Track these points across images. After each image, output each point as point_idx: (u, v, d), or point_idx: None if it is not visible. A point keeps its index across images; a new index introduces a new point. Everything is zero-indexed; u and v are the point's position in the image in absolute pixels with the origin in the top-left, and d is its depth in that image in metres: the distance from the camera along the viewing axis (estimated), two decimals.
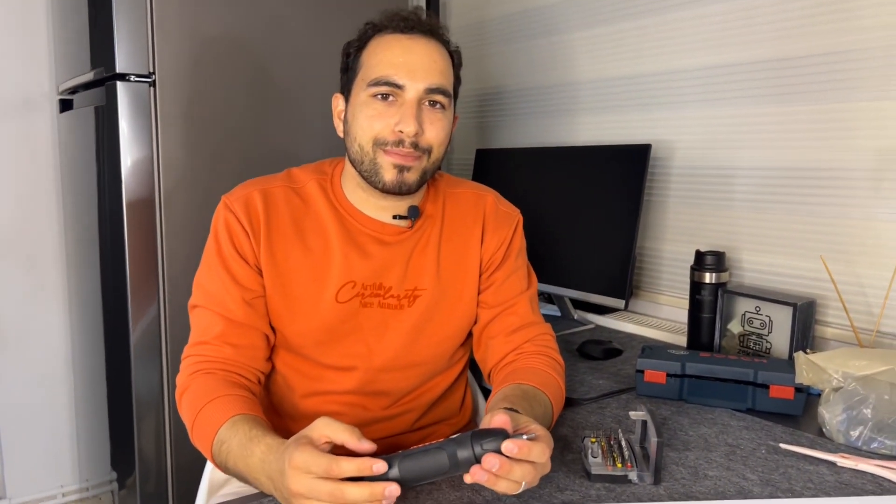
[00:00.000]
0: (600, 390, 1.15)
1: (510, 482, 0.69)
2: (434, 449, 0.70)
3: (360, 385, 1.02)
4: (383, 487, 0.67)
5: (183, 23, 1.48)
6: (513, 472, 0.68)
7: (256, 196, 0.99)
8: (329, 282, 0.98)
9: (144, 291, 1.51)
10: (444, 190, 1.09)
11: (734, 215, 1.45)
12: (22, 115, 1.95)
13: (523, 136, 1.96)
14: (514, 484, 0.70)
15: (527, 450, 0.69)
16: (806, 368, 1.02)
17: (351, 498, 0.66)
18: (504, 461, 0.68)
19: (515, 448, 0.68)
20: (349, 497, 0.67)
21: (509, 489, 0.70)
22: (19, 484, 2.06)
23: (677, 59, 1.53)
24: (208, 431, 0.86)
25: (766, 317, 1.26)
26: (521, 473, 0.69)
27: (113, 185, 1.50)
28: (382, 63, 0.94)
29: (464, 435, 0.70)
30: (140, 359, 1.53)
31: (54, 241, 2.04)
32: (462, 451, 0.69)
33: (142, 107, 1.46)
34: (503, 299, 1.06)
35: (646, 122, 1.62)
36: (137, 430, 1.54)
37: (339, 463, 0.67)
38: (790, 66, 1.33)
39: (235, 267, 0.97)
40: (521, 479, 0.69)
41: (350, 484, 0.67)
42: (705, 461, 0.88)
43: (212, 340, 0.95)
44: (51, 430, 2.09)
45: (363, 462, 0.68)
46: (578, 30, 1.76)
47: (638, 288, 1.66)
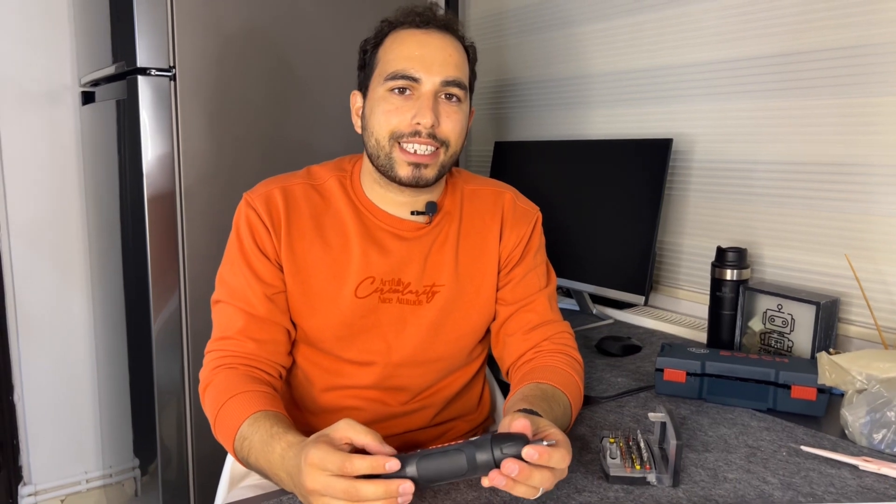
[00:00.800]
0: (619, 388, 1.15)
1: (528, 487, 0.69)
2: (453, 451, 0.70)
3: (378, 380, 1.03)
4: (398, 485, 0.67)
5: (203, 17, 1.48)
6: (532, 478, 0.68)
7: (277, 193, 1.00)
8: (348, 277, 0.99)
9: (165, 283, 1.52)
10: (463, 186, 1.09)
11: (755, 210, 1.43)
12: (45, 108, 1.97)
13: (540, 127, 1.95)
14: (532, 489, 0.70)
15: (547, 456, 0.68)
16: (829, 369, 1.01)
17: (365, 495, 0.67)
18: (523, 467, 0.68)
19: (536, 454, 0.68)
20: (363, 494, 0.67)
21: (527, 494, 0.70)
22: (44, 470, 2.10)
23: (697, 52, 1.51)
24: (231, 427, 0.87)
25: (788, 315, 1.25)
26: (540, 479, 0.69)
27: (134, 179, 1.51)
28: (399, 57, 0.95)
29: (483, 438, 0.70)
30: (161, 349, 1.55)
31: (78, 233, 2.06)
32: (481, 454, 0.69)
33: (162, 101, 1.46)
34: (521, 296, 1.06)
35: (665, 114, 1.60)
36: (159, 418, 1.57)
37: (353, 460, 0.68)
38: (813, 59, 1.30)
39: (257, 263, 0.98)
40: (540, 484, 0.69)
41: (365, 481, 0.67)
42: (725, 463, 0.87)
43: (234, 335, 0.96)
44: (75, 417, 2.13)
45: (377, 460, 0.68)
46: (597, 21, 1.74)
47: (657, 282, 1.65)
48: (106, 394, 2.05)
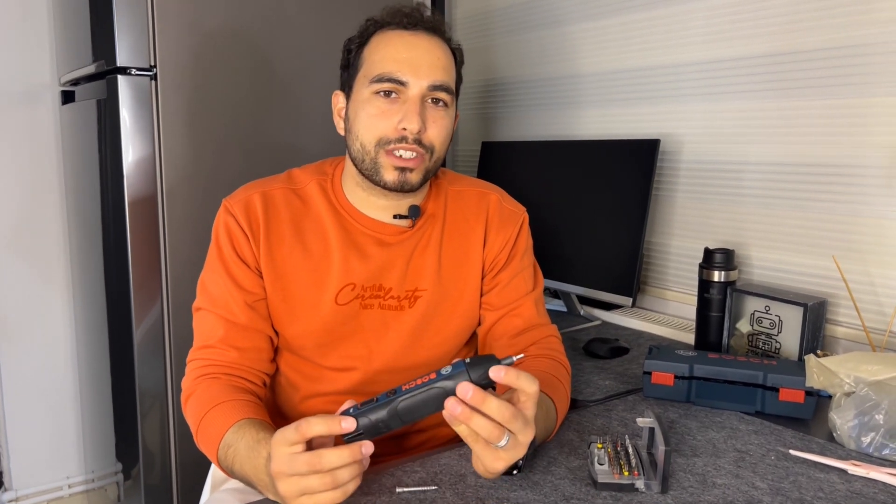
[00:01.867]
0: (606, 391, 1.14)
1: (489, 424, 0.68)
2: (429, 389, 0.70)
3: (358, 385, 1.01)
4: (360, 446, 0.67)
5: (184, 16, 1.46)
6: (488, 402, 0.67)
7: (256, 199, 0.98)
8: (329, 284, 0.98)
9: (147, 286, 1.50)
10: (447, 188, 1.07)
11: (743, 211, 1.42)
12: (24, 107, 1.93)
13: (528, 127, 1.94)
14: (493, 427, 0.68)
15: (513, 374, 0.68)
16: (817, 372, 1.01)
17: (329, 461, 0.66)
18: (476, 390, 0.67)
19: (502, 372, 0.68)
20: (326, 461, 0.66)
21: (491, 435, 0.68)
22: (25, 476, 2.06)
23: (686, 52, 1.50)
24: (214, 436, 0.86)
25: (775, 316, 1.24)
26: (497, 407, 0.68)
27: (115, 180, 1.49)
28: (385, 59, 0.93)
29: (457, 366, 0.70)
30: (143, 352, 1.52)
31: (58, 235, 2.03)
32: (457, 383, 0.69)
33: (143, 101, 1.44)
34: (508, 301, 1.04)
35: (653, 115, 1.59)
36: (141, 422, 1.54)
37: (309, 422, 0.68)
38: (802, 60, 1.30)
39: (237, 270, 0.97)
40: (497, 415, 0.68)
41: (327, 450, 0.67)
42: (714, 468, 0.86)
43: (216, 344, 0.95)
44: (56, 422, 2.09)
45: (331, 419, 0.68)
46: (585, 21, 1.73)
47: (645, 283, 1.64)
48: (88, 398, 2.02)
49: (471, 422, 0.68)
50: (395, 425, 0.71)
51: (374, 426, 0.70)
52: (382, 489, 0.80)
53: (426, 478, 0.83)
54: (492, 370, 0.68)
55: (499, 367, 0.68)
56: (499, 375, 0.68)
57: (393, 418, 0.70)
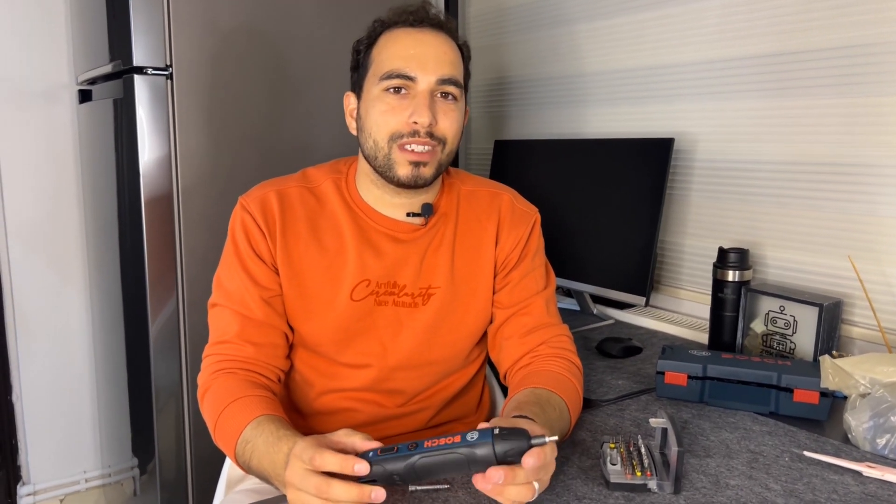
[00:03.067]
0: (619, 391, 1.14)
1: (522, 487, 0.68)
2: (452, 452, 0.69)
3: (374, 382, 1.02)
4: (370, 491, 0.67)
5: (200, 16, 1.47)
6: (518, 477, 0.67)
7: (272, 196, 0.99)
8: (344, 281, 0.98)
9: (163, 284, 1.51)
10: (460, 187, 1.07)
11: (758, 210, 1.41)
12: (42, 106, 1.96)
13: (541, 126, 1.94)
14: (525, 488, 0.69)
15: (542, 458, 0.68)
16: (832, 372, 1.00)
17: (335, 494, 0.67)
18: (506, 475, 0.67)
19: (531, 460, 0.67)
20: (333, 493, 0.67)
21: (525, 495, 0.69)
22: (43, 470, 2.09)
23: (699, 50, 1.49)
24: (233, 430, 0.86)
25: (790, 316, 1.23)
26: (525, 475, 0.68)
27: (131, 179, 1.50)
28: (393, 56, 0.94)
29: (484, 435, 0.69)
30: (159, 349, 1.54)
31: (76, 233, 2.05)
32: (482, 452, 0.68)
33: (159, 100, 1.45)
34: (518, 300, 1.04)
35: (666, 113, 1.58)
36: (157, 418, 1.56)
37: (324, 455, 0.68)
38: (818, 59, 1.29)
39: (253, 266, 0.98)
40: (526, 480, 0.68)
41: (339, 481, 0.67)
42: (727, 469, 0.86)
43: (233, 339, 0.96)
44: (73, 417, 2.12)
45: (346, 460, 0.68)
46: (598, 19, 1.72)
47: (659, 283, 1.64)
48: (104, 393, 2.04)
49: (503, 495, 0.69)
50: (411, 480, 0.70)
51: (388, 476, 0.69)
52: (395, 487, 0.81)
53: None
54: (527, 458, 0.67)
55: (531, 456, 0.67)
56: (529, 465, 0.67)
57: (409, 473, 0.69)
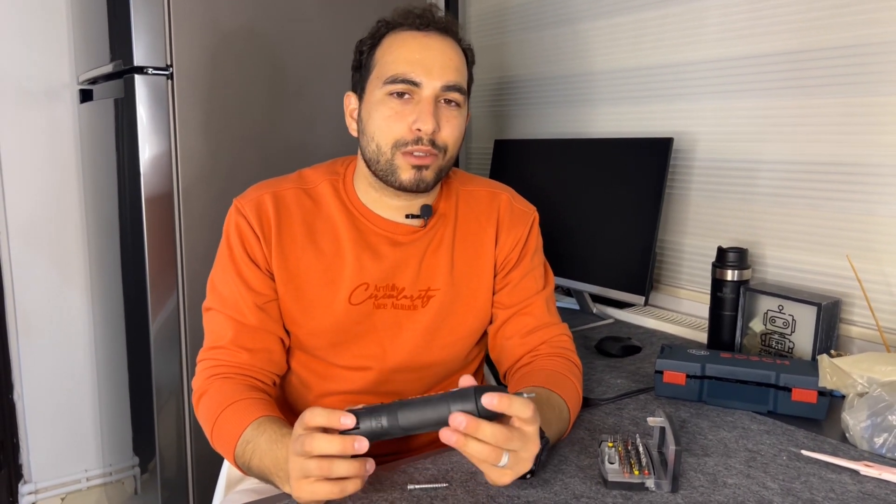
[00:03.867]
0: (618, 390, 1.14)
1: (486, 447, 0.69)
2: (436, 400, 0.71)
3: (373, 385, 1.02)
4: (352, 440, 0.69)
5: (200, 16, 1.47)
6: (480, 430, 0.68)
7: (267, 199, 0.98)
8: (342, 284, 0.98)
9: (164, 283, 1.51)
10: (458, 188, 1.07)
11: (757, 210, 1.42)
12: (43, 105, 1.96)
13: (541, 125, 1.94)
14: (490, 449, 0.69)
15: (507, 402, 0.69)
16: (830, 372, 1.00)
17: (317, 446, 0.69)
18: (471, 419, 0.68)
19: (495, 399, 0.68)
20: (316, 446, 0.69)
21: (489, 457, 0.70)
22: (44, 468, 2.10)
23: (700, 50, 1.50)
24: (232, 432, 0.86)
25: (789, 316, 1.24)
26: (491, 432, 0.68)
27: (132, 178, 1.51)
28: (398, 60, 0.93)
29: (466, 389, 0.71)
30: (159, 348, 1.54)
31: (77, 232, 2.06)
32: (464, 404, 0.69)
33: (160, 100, 1.45)
34: (518, 300, 1.04)
35: (666, 113, 1.58)
36: (157, 417, 1.56)
37: (314, 411, 0.70)
38: (817, 58, 1.29)
39: (247, 272, 0.97)
40: (492, 439, 0.68)
41: (320, 434, 0.69)
42: (724, 468, 0.86)
43: (227, 345, 0.95)
44: (75, 416, 2.12)
45: (333, 413, 0.70)
46: (599, 18, 1.73)
47: (658, 282, 1.64)
48: (105, 392, 2.05)
49: (466, 448, 0.69)
50: (396, 432, 0.71)
51: (372, 429, 0.71)
52: (394, 486, 0.81)
53: (437, 475, 0.84)
54: (484, 397, 0.68)
55: (491, 395, 0.68)
56: (491, 402, 0.68)
57: (393, 424, 0.71)
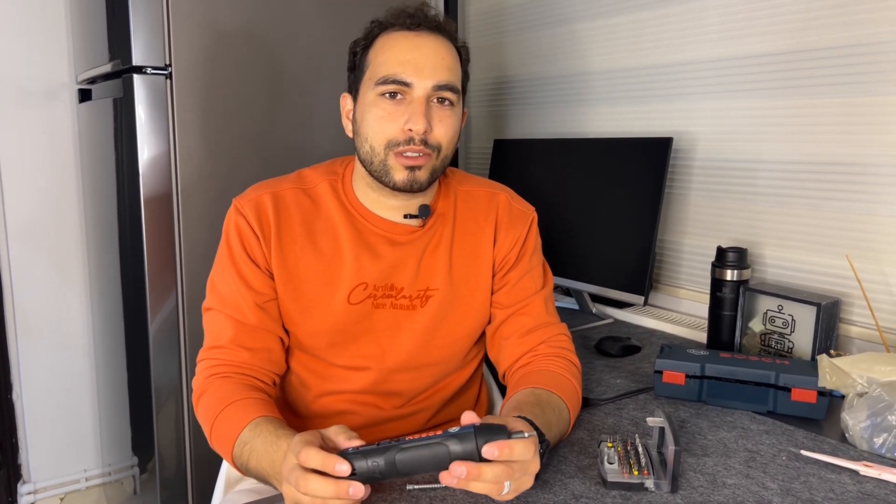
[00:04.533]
0: (618, 390, 1.14)
1: (488, 484, 0.69)
2: (434, 443, 0.69)
3: (372, 385, 1.02)
4: (347, 486, 0.68)
5: (199, 15, 1.47)
6: (483, 475, 0.68)
7: (267, 199, 0.99)
8: (341, 284, 0.98)
9: (162, 283, 1.51)
10: (456, 188, 1.07)
11: (757, 209, 1.42)
12: (42, 105, 1.96)
13: (540, 125, 1.94)
14: (494, 486, 0.69)
15: (507, 452, 0.68)
16: (829, 372, 1.00)
17: (312, 489, 0.68)
18: (472, 467, 0.67)
19: (496, 451, 0.67)
20: (311, 488, 0.68)
21: (491, 492, 0.69)
22: (43, 468, 2.10)
23: (699, 49, 1.49)
24: (230, 433, 0.87)
25: (788, 316, 1.23)
26: (494, 475, 0.68)
27: (131, 178, 1.50)
28: (390, 61, 0.93)
29: (466, 430, 0.69)
30: (158, 348, 1.54)
31: (76, 232, 2.05)
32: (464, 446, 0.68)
33: (158, 99, 1.45)
34: (517, 299, 1.04)
35: (666, 112, 1.58)
36: (156, 417, 1.56)
37: (310, 451, 0.69)
38: (817, 58, 1.29)
39: (247, 271, 0.97)
40: (494, 479, 0.68)
41: (315, 476, 0.69)
42: (724, 468, 0.86)
43: (226, 345, 0.96)
44: (74, 416, 2.12)
45: (328, 458, 0.69)
46: (596, 18, 1.72)
47: (658, 282, 1.64)
48: (104, 392, 2.05)
49: (468, 487, 0.69)
50: (392, 475, 0.70)
51: (369, 472, 0.69)
52: (393, 486, 0.81)
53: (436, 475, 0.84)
54: (484, 449, 0.67)
55: (492, 446, 0.68)
56: (492, 454, 0.68)
57: (390, 468, 0.69)
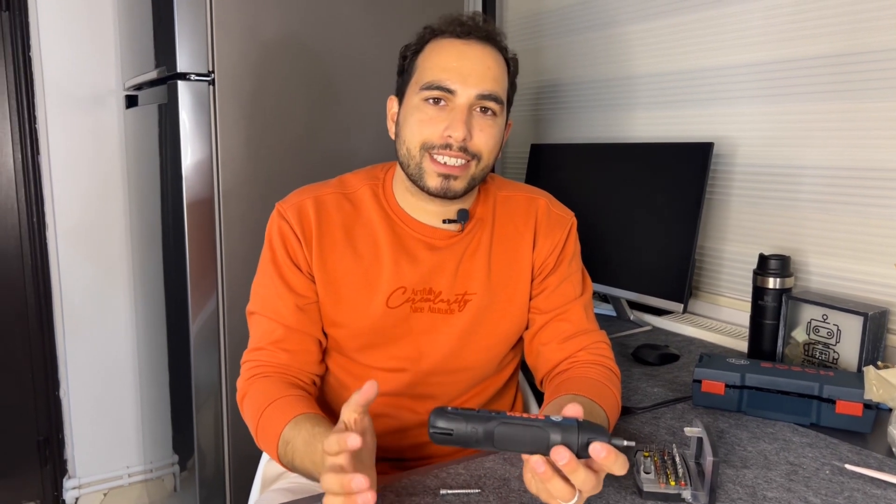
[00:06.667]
0: (655, 399, 1.12)
1: (567, 488, 0.67)
2: (536, 427, 0.67)
3: (407, 387, 1.02)
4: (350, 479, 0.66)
5: (241, 23, 1.50)
6: (577, 473, 0.66)
7: (309, 203, 1.00)
8: (380, 288, 0.99)
9: (204, 284, 1.54)
10: (496, 193, 1.07)
11: (800, 216, 1.38)
12: (91, 111, 2.02)
13: (578, 130, 1.93)
14: (570, 490, 0.67)
15: (613, 457, 0.66)
16: (876, 384, 0.97)
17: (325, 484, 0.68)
18: (572, 458, 0.65)
19: (603, 453, 0.65)
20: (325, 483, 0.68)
21: (565, 496, 0.67)
22: (88, 464, 2.16)
23: (741, 53, 1.47)
24: (273, 433, 0.88)
25: (833, 325, 1.20)
26: (584, 479, 0.66)
27: (174, 183, 1.54)
28: (436, 67, 0.94)
29: (569, 422, 0.68)
30: (199, 349, 1.57)
31: (122, 235, 2.11)
32: (566, 437, 0.67)
33: (202, 105, 1.49)
34: (556, 305, 1.04)
35: (705, 117, 1.56)
36: (196, 416, 1.59)
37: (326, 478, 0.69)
38: (863, 61, 1.26)
39: (289, 274, 0.99)
40: (579, 485, 0.67)
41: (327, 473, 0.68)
42: (764, 481, 0.84)
43: (267, 346, 0.98)
44: (117, 413, 2.18)
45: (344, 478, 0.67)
46: (636, 22, 1.71)
47: (698, 289, 1.61)
48: (147, 391, 2.10)
49: (549, 483, 0.67)
50: (486, 445, 0.69)
51: (466, 436, 0.68)
52: (427, 490, 0.81)
53: (470, 481, 0.84)
54: (592, 447, 0.66)
55: (601, 446, 0.66)
56: (599, 455, 0.65)
57: (487, 437, 0.68)
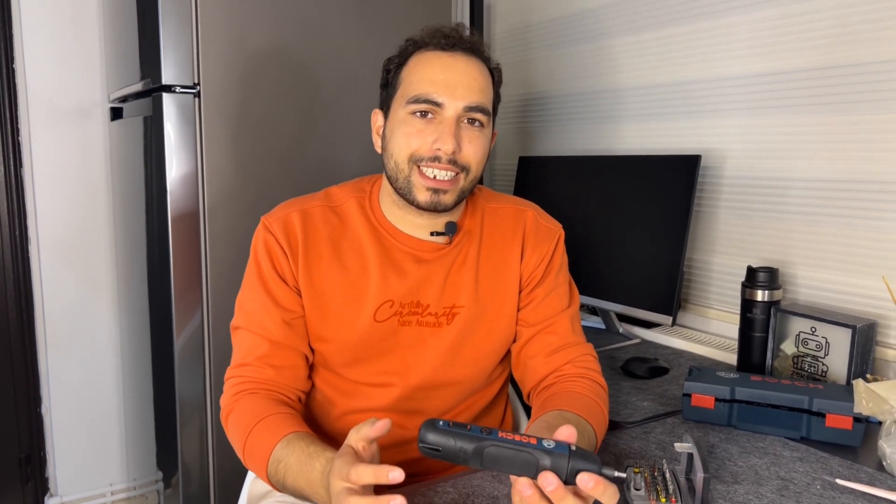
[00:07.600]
0: (645, 413, 1.11)
1: None
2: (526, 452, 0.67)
3: (396, 402, 1.01)
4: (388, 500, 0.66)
5: (227, 35, 1.49)
6: (565, 500, 0.65)
7: (295, 217, 0.99)
8: (367, 301, 0.98)
9: (189, 301, 1.52)
10: (483, 205, 1.07)
11: (788, 228, 1.39)
12: (75, 123, 2.00)
13: (567, 142, 1.93)
14: None
15: (601, 488, 0.65)
16: (866, 397, 0.97)
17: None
18: (559, 485, 0.64)
19: (591, 483, 0.64)
20: None
21: None
22: (70, 482, 2.11)
23: (728, 66, 1.48)
24: (262, 452, 0.86)
25: (822, 338, 1.20)
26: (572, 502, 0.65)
27: (159, 195, 1.52)
28: (422, 80, 0.93)
29: (561, 448, 0.67)
30: (183, 364, 1.55)
31: (106, 248, 2.08)
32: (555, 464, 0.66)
33: (187, 118, 1.47)
34: (543, 317, 1.03)
35: (694, 129, 1.56)
36: (181, 432, 1.57)
37: (359, 470, 0.68)
38: (849, 74, 1.26)
39: (275, 288, 0.98)
40: None
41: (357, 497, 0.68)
42: (755, 496, 0.84)
43: (253, 362, 0.96)
44: (100, 430, 2.14)
45: (380, 469, 0.67)
46: (624, 35, 1.71)
47: (686, 301, 1.61)
48: (131, 407, 2.07)
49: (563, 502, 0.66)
50: (473, 464, 0.68)
51: (454, 453, 0.68)
52: None
53: (458, 498, 0.82)
54: (579, 478, 0.65)
55: (588, 477, 0.65)
56: (587, 485, 0.65)
57: (476, 457, 0.67)
